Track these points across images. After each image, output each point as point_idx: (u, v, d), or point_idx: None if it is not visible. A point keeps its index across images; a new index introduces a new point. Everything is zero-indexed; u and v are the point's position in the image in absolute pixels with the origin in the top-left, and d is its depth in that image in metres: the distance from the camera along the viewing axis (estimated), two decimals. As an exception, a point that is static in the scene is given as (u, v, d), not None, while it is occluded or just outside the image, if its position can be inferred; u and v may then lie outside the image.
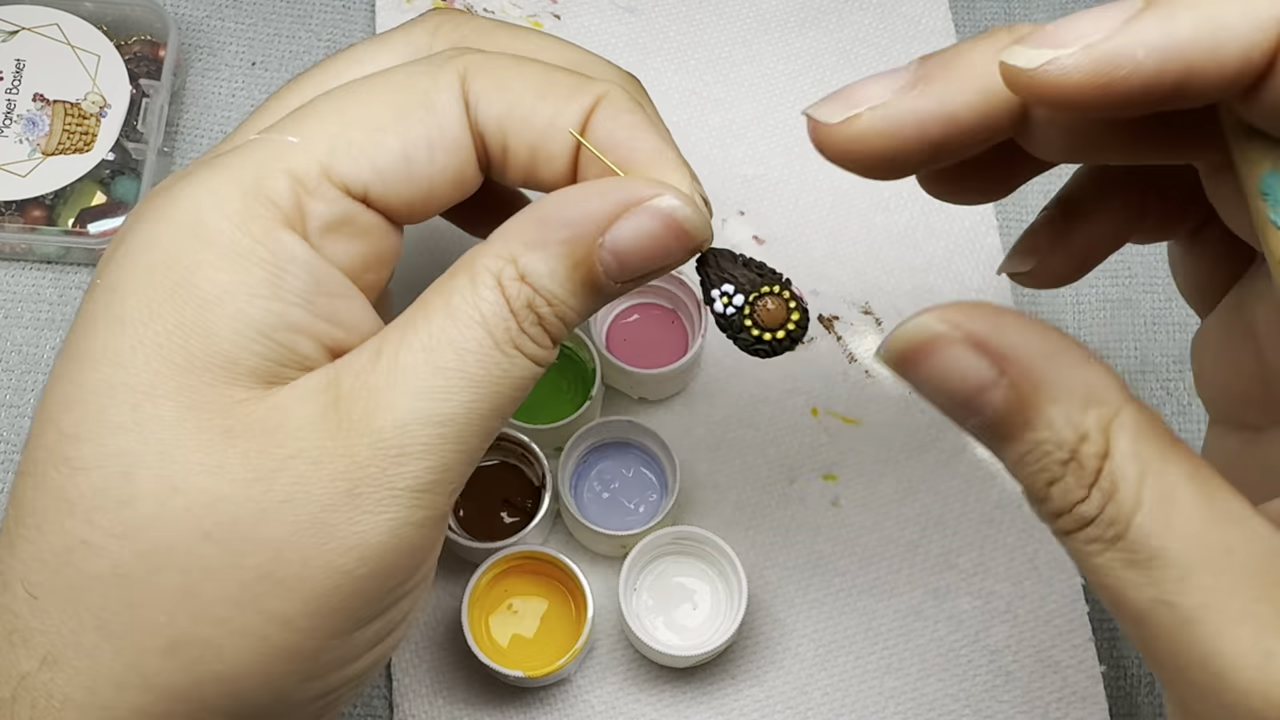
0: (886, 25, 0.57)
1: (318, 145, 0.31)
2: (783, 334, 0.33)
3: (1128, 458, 0.26)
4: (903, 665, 0.47)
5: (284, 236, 0.30)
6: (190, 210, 0.31)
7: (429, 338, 0.30)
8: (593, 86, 0.33)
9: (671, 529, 0.45)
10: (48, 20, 0.53)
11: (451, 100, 0.32)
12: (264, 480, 0.29)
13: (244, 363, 0.30)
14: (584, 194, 0.31)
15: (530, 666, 0.43)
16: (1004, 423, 0.27)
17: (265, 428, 0.30)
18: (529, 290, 0.31)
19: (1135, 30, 0.25)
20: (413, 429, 0.30)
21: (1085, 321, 0.53)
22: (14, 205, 0.50)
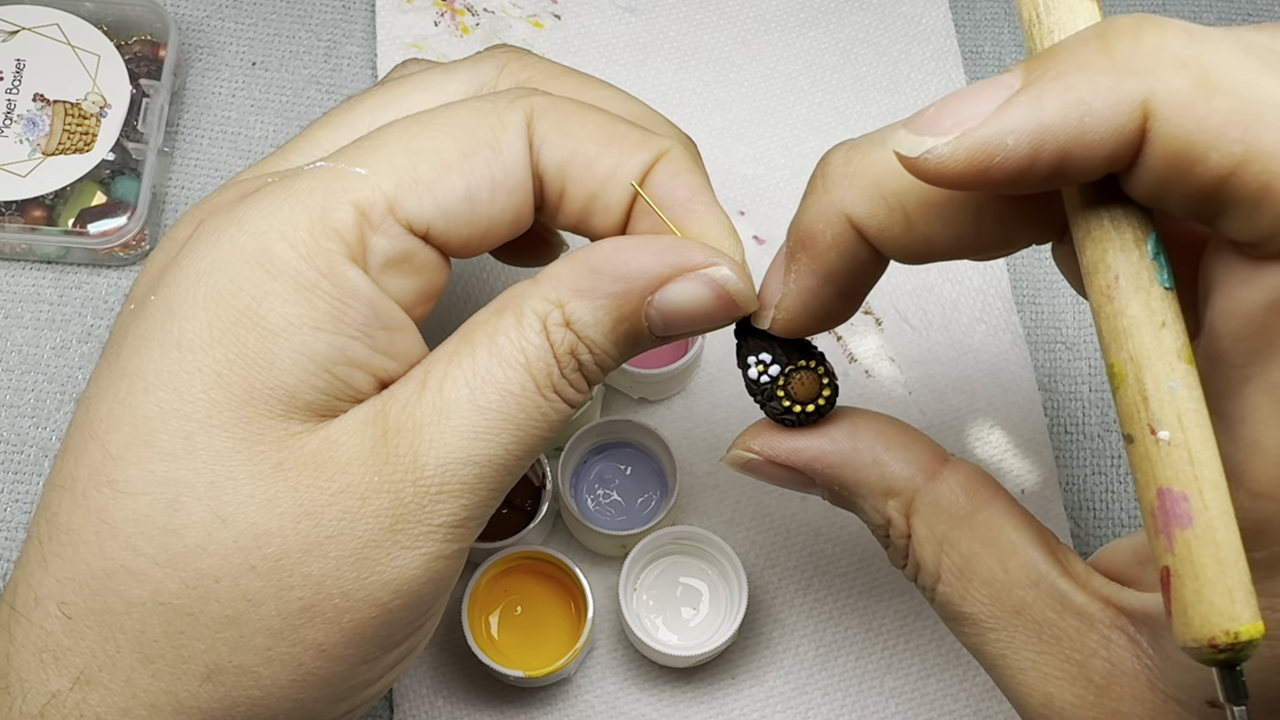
0: (886, 25, 0.57)
1: (385, 180, 0.31)
2: (812, 408, 0.33)
3: (923, 540, 0.32)
4: (903, 665, 0.47)
5: (349, 270, 0.30)
6: (257, 237, 0.30)
7: (473, 375, 0.31)
8: (656, 142, 0.33)
9: (671, 529, 0.45)
10: (48, 20, 0.53)
11: (518, 142, 0.32)
12: (313, 515, 0.30)
13: (302, 396, 0.30)
14: (639, 249, 0.32)
15: (530, 666, 0.43)
16: (839, 504, 0.34)
17: (317, 461, 0.30)
18: (573, 337, 0.31)
19: (1006, 117, 0.25)
20: (454, 469, 0.30)
21: (1085, 321, 0.53)
22: (14, 205, 0.50)
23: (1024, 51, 0.58)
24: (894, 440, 0.33)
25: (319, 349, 0.30)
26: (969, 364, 0.51)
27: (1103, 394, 0.51)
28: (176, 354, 0.30)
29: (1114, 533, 0.49)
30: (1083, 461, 0.50)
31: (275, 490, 0.29)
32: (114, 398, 0.30)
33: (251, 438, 0.30)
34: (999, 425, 0.50)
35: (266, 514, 0.29)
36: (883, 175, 0.30)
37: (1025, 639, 0.31)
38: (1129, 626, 0.30)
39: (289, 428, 0.30)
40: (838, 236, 0.30)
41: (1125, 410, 0.26)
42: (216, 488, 0.29)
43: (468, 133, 0.32)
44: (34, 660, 0.30)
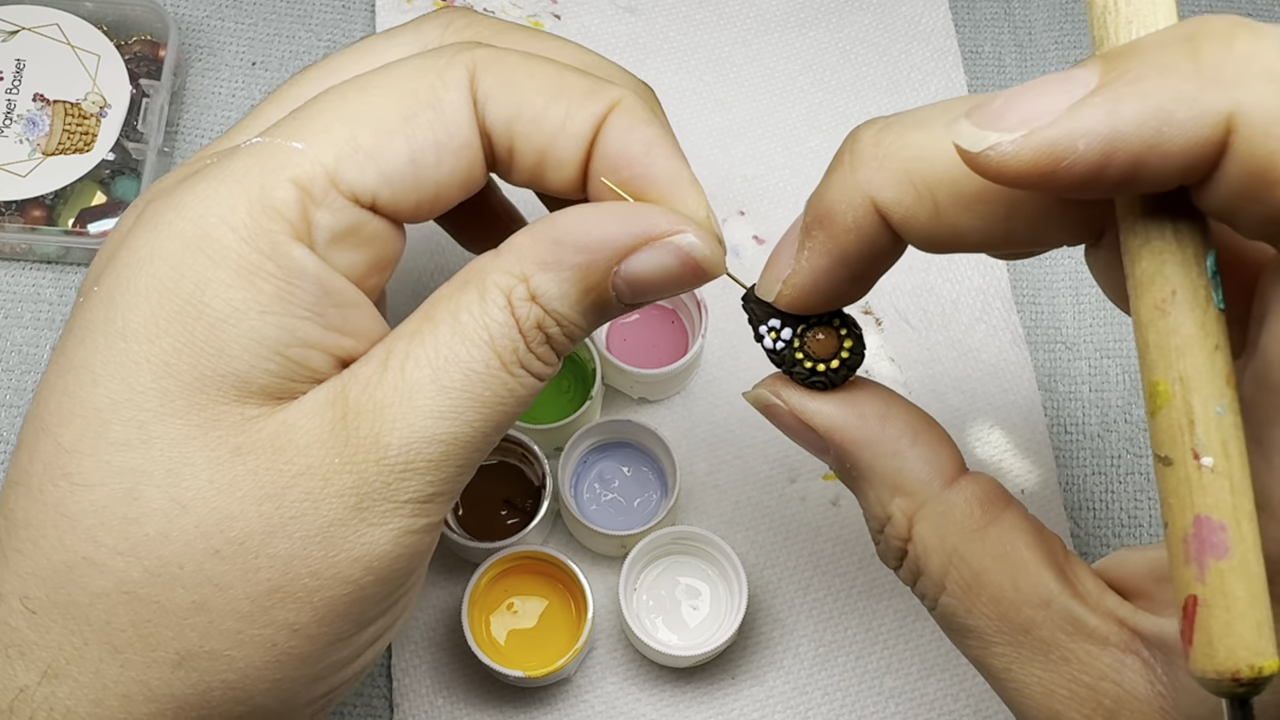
0: (886, 25, 0.57)
1: (324, 152, 0.30)
2: (836, 363, 0.32)
3: (931, 549, 0.31)
4: (903, 665, 0.47)
5: (293, 250, 0.30)
6: (196, 222, 0.30)
7: (436, 354, 0.30)
8: (607, 91, 0.32)
9: (671, 529, 0.45)
10: (48, 20, 0.53)
11: (460, 99, 0.31)
12: (274, 497, 0.29)
13: (256, 381, 0.30)
14: (602, 219, 0.31)
15: (530, 666, 0.43)
16: (843, 478, 0.33)
17: (275, 445, 0.30)
18: (539, 310, 0.31)
19: (1078, 118, 0.24)
20: (418, 447, 0.30)
21: (1085, 322, 0.53)
22: (14, 205, 0.50)
23: (1023, 51, 0.58)
24: (921, 438, 0.31)
25: (268, 332, 0.30)
26: (969, 364, 0.51)
27: (1102, 394, 0.51)
28: (122, 344, 0.29)
29: (1114, 533, 0.49)
30: (1083, 461, 0.50)
31: (235, 474, 0.29)
32: (63, 390, 0.30)
33: (207, 423, 0.29)
34: (999, 425, 0.50)
35: (227, 498, 0.29)
36: (914, 160, 0.28)
37: (1032, 656, 0.30)
38: (1143, 651, 0.29)
39: (244, 412, 0.30)
40: (859, 219, 0.29)
41: (1166, 432, 0.25)
42: (174, 475, 0.29)
43: (407, 94, 0.31)
44: (0, 657, 0.30)
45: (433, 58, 0.32)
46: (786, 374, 0.32)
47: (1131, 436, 0.51)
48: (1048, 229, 0.29)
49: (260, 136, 0.31)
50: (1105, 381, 0.52)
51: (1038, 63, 0.58)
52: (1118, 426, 0.51)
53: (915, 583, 0.32)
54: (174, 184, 0.32)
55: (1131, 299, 0.26)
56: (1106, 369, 0.52)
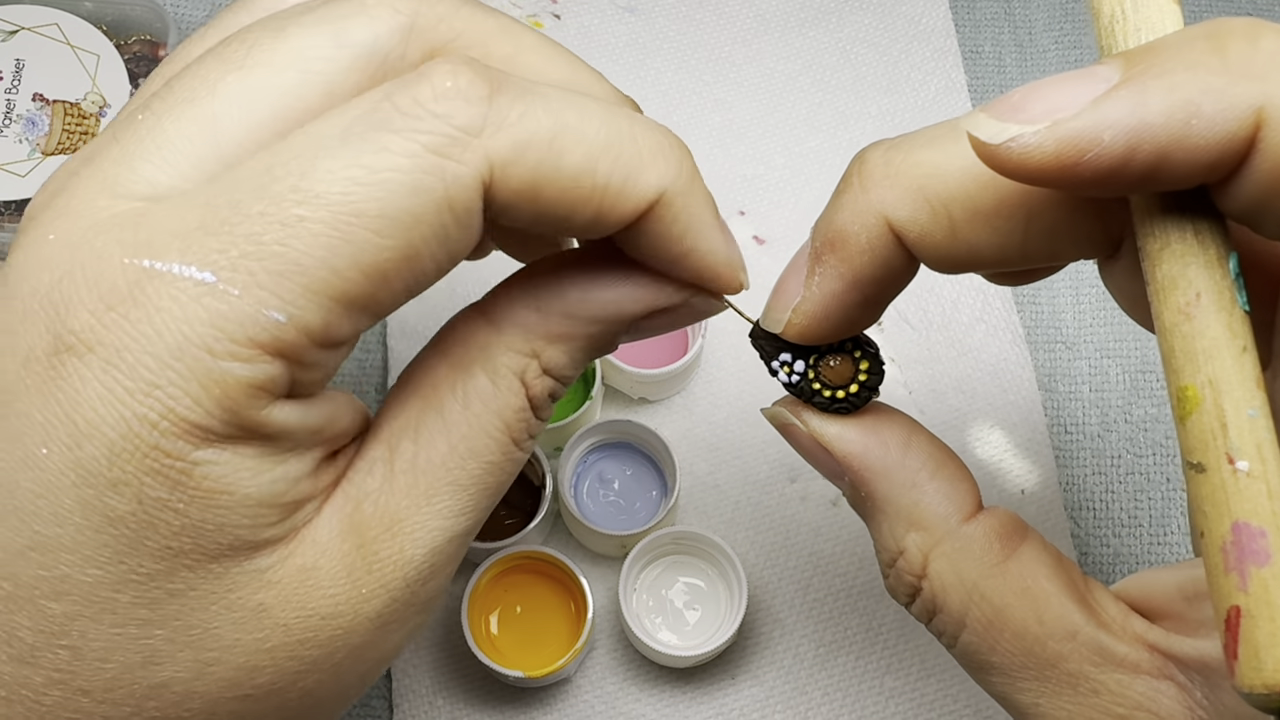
0: (886, 25, 0.57)
1: (313, 322, 0.25)
2: (855, 387, 0.31)
3: (949, 587, 0.30)
4: (903, 665, 0.47)
5: (273, 415, 0.26)
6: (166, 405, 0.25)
7: (450, 452, 0.28)
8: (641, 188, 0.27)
9: (671, 529, 0.45)
10: (47, 20, 0.53)
11: (472, 231, 0.26)
12: (303, 642, 0.28)
13: (261, 535, 0.27)
14: (612, 288, 0.29)
15: (530, 666, 0.43)
16: (856, 507, 0.32)
17: (298, 595, 0.28)
18: (551, 382, 0.30)
19: (1104, 110, 0.23)
20: (440, 548, 0.29)
21: (1085, 321, 0.53)
22: (14, 205, 0.50)
23: (1023, 51, 0.58)
24: (941, 471, 0.30)
25: (265, 494, 0.27)
26: (969, 364, 0.51)
27: (1102, 394, 0.51)
28: (112, 530, 0.26)
29: (1114, 533, 0.49)
30: (1083, 461, 0.50)
31: (263, 632, 0.28)
32: (41, 565, 0.26)
33: (220, 590, 0.27)
34: (999, 425, 0.50)
35: (255, 653, 0.28)
36: (927, 178, 0.28)
37: (1060, 690, 0.29)
38: (1179, 675, 0.28)
39: (258, 563, 0.27)
40: (873, 240, 0.29)
41: (1198, 438, 0.24)
42: (196, 640, 0.27)
43: (409, 228, 0.25)
44: None
45: (437, 162, 0.25)
46: (807, 404, 0.32)
47: (1131, 436, 0.51)
48: (1064, 241, 0.28)
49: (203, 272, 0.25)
50: (1105, 381, 0.52)
51: (1038, 63, 0.58)
52: (1118, 426, 0.51)
53: (931, 620, 0.31)
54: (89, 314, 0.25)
55: (1153, 305, 0.25)
56: (1106, 369, 0.52)
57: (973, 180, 0.27)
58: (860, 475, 0.31)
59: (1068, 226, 0.28)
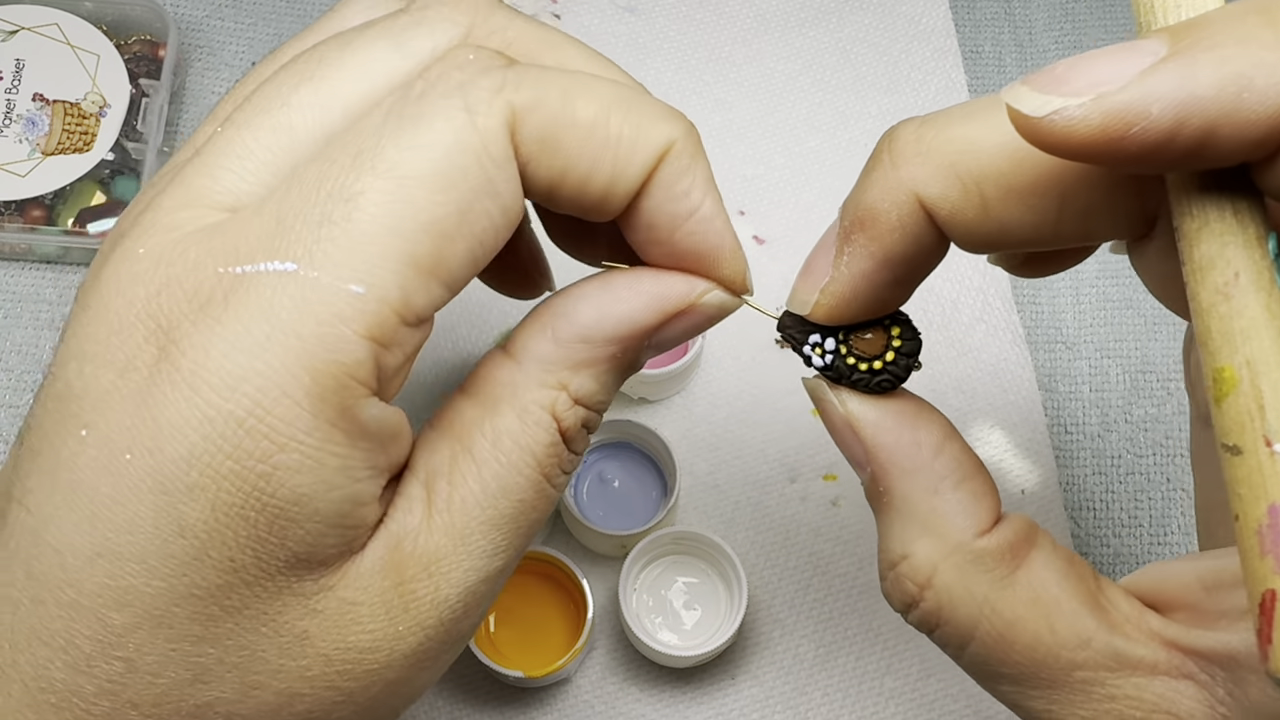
0: (886, 25, 0.57)
1: (389, 289, 0.26)
2: (891, 355, 0.30)
3: (958, 600, 0.29)
4: (903, 665, 0.47)
5: (359, 412, 0.26)
6: (255, 401, 0.25)
7: (483, 492, 0.29)
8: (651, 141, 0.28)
9: (671, 529, 0.45)
10: (48, 20, 0.53)
11: (510, 172, 0.27)
12: (342, 674, 0.28)
13: (317, 557, 0.27)
14: (625, 303, 0.29)
15: (530, 666, 0.43)
16: (871, 499, 0.31)
17: (339, 626, 0.28)
18: (584, 411, 0.29)
19: (1152, 82, 0.23)
20: (474, 588, 0.29)
21: (1085, 321, 0.53)
22: (14, 205, 0.50)
23: (1023, 51, 0.58)
24: (967, 483, 0.29)
25: (331, 511, 0.27)
26: (969, 364, 0.51)
27: (1102, 394, 0.51)
28: (180, 540, 0.26)
29: (1114, 533, 0.49)
30: (1083, 461, 0.50)
31: (305, 660, 0.28)
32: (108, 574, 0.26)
33: (270, 612, 0.27)
34: (999, 425, 0.50)
35: (298, 680, 0.28)
36: (959, 155, 0.27)
37: (1074, 698, 0.28)
38: (1199, 673, 0.27)
39: (304, 588, 0.28)
40: (904, 217, 0.28)
41: (1234, 419, 0.24)
42: (244, 663, 0.28)
43: (456, 180, 0.26)
44: None
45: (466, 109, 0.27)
46: (850, 387, 0.30)
47: (1131, 436, 0.51)
48: (1099, 220, 0.28)
49: (286, 263, 0.26)
50: (1105, 381, 0.52)
51: (1038, 63, 0.58)
52: (1118, 426, 0.51)
53: (932, 631, 0.30)
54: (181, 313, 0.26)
55: (1189, 285, 0.25)
56: (1106, 369, 0.52)
57: (1007, 157, 0.27)
58: (883, 468, 0.30)
59: (1103, 205, 0.27)
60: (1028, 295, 0.53)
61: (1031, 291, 0.53)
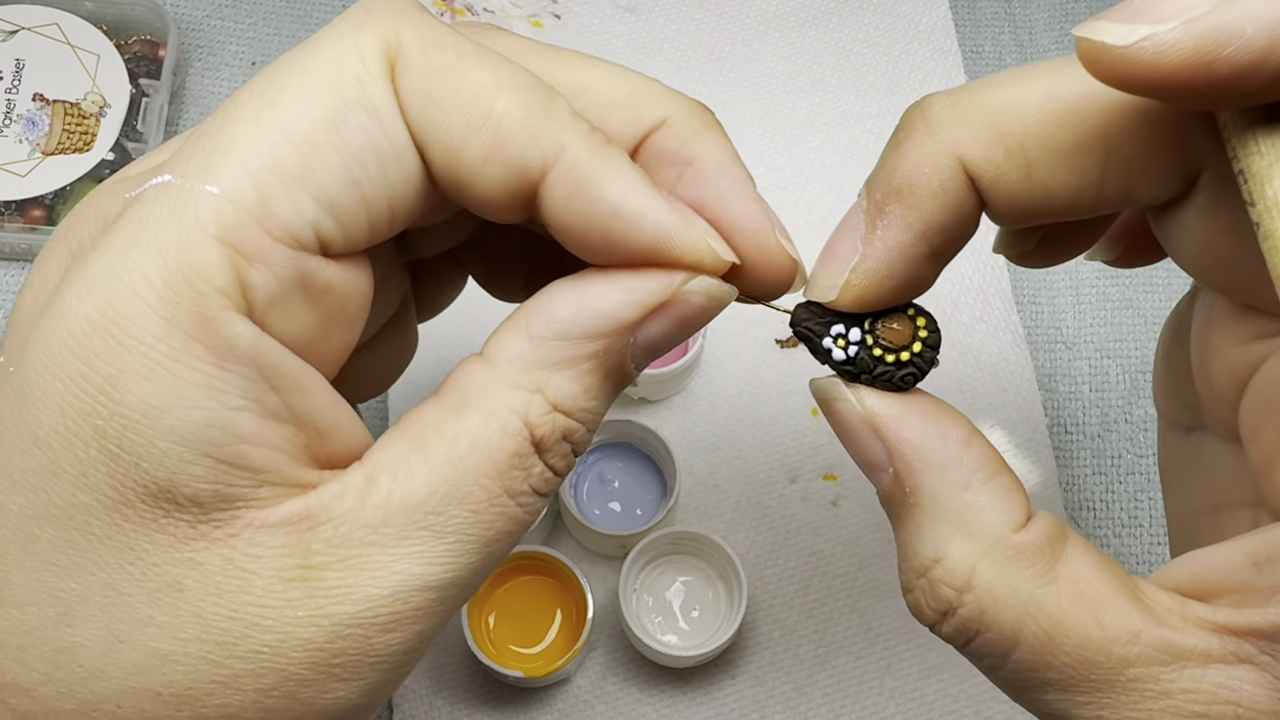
0: (886, 25, 0.57)
1: (244, 190, 0.25)
2: (919, 345, 0.29)
3: (1001, 602, 0.27)
4: (903, 665, 0.47)
5: (225, 324, 0.25)
6: (108, 301, 0.24)
7: (429, 493, 0.26)
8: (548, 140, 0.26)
9: (671, 529, 0.45)
10: (48, 20, 0.53)
11: (391, 97, 0.26)
12: (224, 646, 0.25)
13: (183, 490, 0.25)
14: (603, 295, 0.27)
15: (530, 666, 0.43)
16: (890, 504, 0.28)
17: (222, 587, 0.25)
18: (563, 419, 0.27)
19: (1243, 2, 0.22)
20: (406, 595, 0.26)
21: (1085, 321, 0.53)
22: (14, 205, 0.50)
23: (1023, 51, 0.58)
24: (997, 478, 0.27)
25: (192, 431, 0.24)
26: (969, 364, 0.51)
27: (1102, 394, 0.51)
28: (35, 451, 0.25)
29: (1114, 533, 0.49)
30: (1083, 461, 0.50)
31: (177, 615, 0.25)
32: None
33: (138, 548, 0.25)
34: (999, 425, 0.50)
35: (169, 639, 0.25)
36: (1001, 115, 0.26)
37: (1127, 699, 0.26)
38: (1258, 655, 0.25)
39: (178, 532, 0.25)
40: (945, 182, 0.27)
41: None
42: (110, 605, 0.25)
43: (326, 91, 0.25)
44: None
45: (339, 33, 0.26)
46: (871, 384, 0.28)
47: (1131, 436, 0.51)
48: (1141, 178, 0.27)
49: (164, 175, 0.26)
50: (1105, 381, 0.52)
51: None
52: (1118, 426, 0.51)
53: (971, 641, 0.27)
54: (91, 236, 0.27)
55: (1264, 224, 0.24)
56: (1106, 369, 0.52)
57: (1050, 117, 0.26)
58: (909, 466, 0.28)
59: (1147, 160, 0.27)
60: (1028, 295, 0.53)
61: (1031, 291, 0.53)
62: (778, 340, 0.51)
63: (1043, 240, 0.33)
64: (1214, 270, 0.28)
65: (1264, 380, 0.28)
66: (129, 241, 0.25)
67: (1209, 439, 0.31)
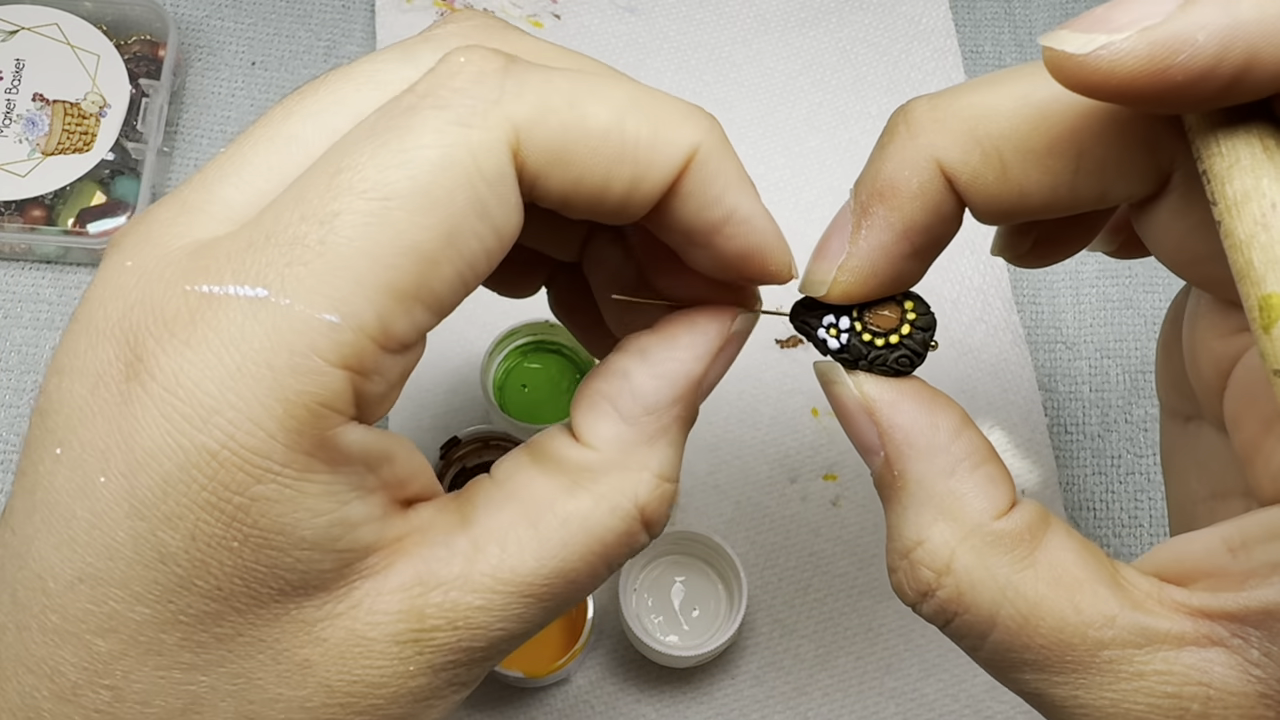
0: (886, 25, 0.57)
1: (366, 316, 0.25)
2: (907, 328, 0.30)
3: (979, 585, 0.28)
4: (903, 665, 0.46)
5: (338, 440, 0.26)
6: (228, 434, 0.25)
7: (537, 568, 0.28)
8: (675, 144, 0.28)
9: (671, 529, 0.45)
10: (48, 20, 0.53)
11: (508, 193, 0.26)
12: (345, 706, 0.27)
13: (311, 583, 0.26)
14: (673, 360, 0.30)
15: (530, 666, 0.43)
16: (881, 486, 0.30)
17: (345, 656, 0.27)
18: (669, 486, 0.29)
19: (1195, 12, 0.23)
20: (500, 644, 0.28)
21: (1085, 322, 0.53)
22: (14, 205, 0.50)
23: (1023, 51, 0.58)
24: (984, 467, 0.29)
25: (320, 536, 0.26)
26: (969, 364, 0.51)
27: (1102, 394, 0.51)
28: (163, 567, 0.25)
29: (1114, 533, 0.49)
30: (1083, 461, 0.50)
31: (304, 688, 0.27)
32: (90, 599, 0.26)
33: (268, 639, 0.27)
34: (999, 425, 0.50)
35: (298, 712, 0.27)
36: (978, 120, 0.28)
37: (1101, 680, 0.27)
38: (1230, 638, 0.26)
39: (305, 615, 0.27)
40: (925, 184, 0.28)
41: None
42: (240, 691, 0.27)
43: (442, 202, 0.25)
44: None
45: (461, 128, 0.25)
46: (869, 369, 0.30)
47: (1131, 436, 0.51)
48: (1114, 177, 0.28)
49: (256, 289, 0.25)
50: (1105, 381, 0.52)
51: (1038, 63, 0.58)
52: (1118, 426, 0.51)
53: (949, 623, 0.29)
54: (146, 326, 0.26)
55: (1224, 224, 0.25)
56: (1106, 369, 0.52)
57: (1024, 120, 0.27)
58: (899, 449, 0.29)
59: (1117, 162, 0.28)
60: (1028, 295, 0.53)
61: (1031, 291, 0.53)
62: (778, 340, 0.51)
63: (1037, 241, 0.34)
64: (1190, 266, 0.29)
65: (1244, 372, 0.29)
66: (236, 369, 0.25)
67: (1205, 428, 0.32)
